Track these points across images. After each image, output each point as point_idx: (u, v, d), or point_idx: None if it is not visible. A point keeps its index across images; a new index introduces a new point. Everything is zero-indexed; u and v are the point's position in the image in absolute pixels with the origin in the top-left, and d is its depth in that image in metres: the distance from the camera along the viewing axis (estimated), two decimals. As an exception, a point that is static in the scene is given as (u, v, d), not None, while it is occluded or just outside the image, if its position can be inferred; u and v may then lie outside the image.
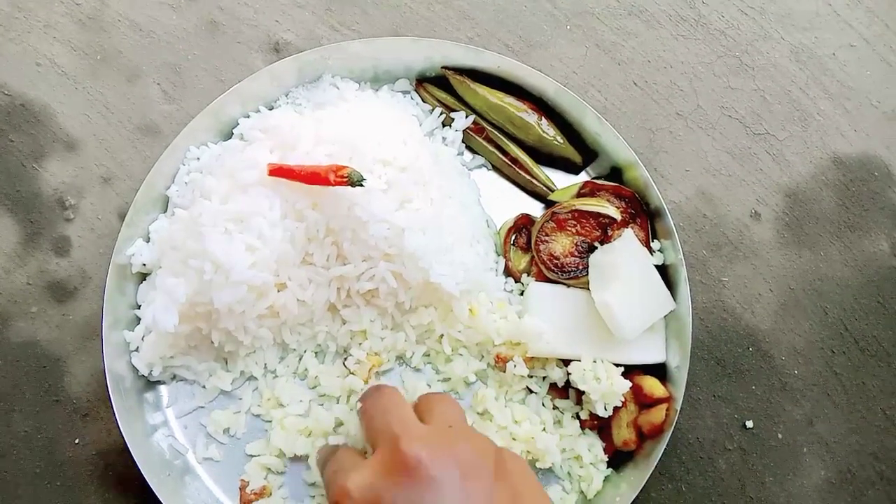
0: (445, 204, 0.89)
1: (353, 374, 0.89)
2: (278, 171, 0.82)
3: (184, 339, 0.86)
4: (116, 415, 0.84)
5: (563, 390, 0.90)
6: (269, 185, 0.83)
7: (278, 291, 0.85)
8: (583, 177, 0.99)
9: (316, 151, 0.84)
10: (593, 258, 0.89)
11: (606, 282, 0.86)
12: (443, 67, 0.97)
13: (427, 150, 0.91)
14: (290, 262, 0.84)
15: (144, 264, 0.89)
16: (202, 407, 0.90)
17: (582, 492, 0.88)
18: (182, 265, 0.82)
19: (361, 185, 0.81)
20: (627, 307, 0.85)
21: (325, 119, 0.88)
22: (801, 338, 0.97)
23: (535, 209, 0.98)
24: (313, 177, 0.81)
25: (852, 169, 1.03)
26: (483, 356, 0.91)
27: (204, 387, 0.90)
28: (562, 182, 0.98)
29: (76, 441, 0.91)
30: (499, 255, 0.95)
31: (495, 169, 0.99)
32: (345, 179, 0.80)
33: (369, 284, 0.85)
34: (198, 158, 0.92)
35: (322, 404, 0.90)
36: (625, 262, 0.87)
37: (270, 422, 0.89)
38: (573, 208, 0.91)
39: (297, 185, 0.83)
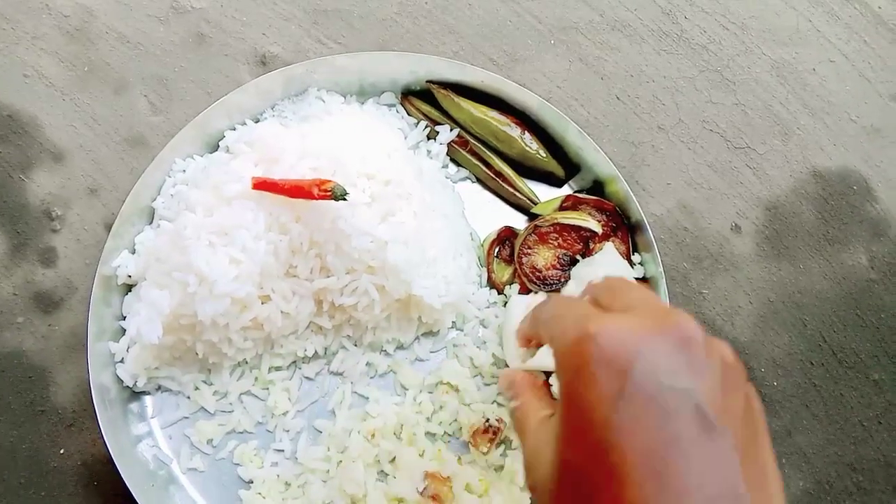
0: (429, 217, 0.90)
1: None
2: (262, 185, 0.83)
3: (168, 351, 0.86)
4: (101, 426, 0.85)
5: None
6: (253, 198, 0.84)
7: (262, 304, 0.85)
8: (565, 190, 1.00)
9: (300, 165, 0.85)
10: (575, 270, 0.90)
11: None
12: (427, 81, 0.98)
13: (411, 164, 0.92)
14: (273, 275, 0.85)
15: (130, 276, 0.89)
16: (187, 417, 0.91)
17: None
18: (166, 277, 0.83)
19: (345, 199, 0.81)
20: None
21: (309, 132, 0.89)
22: (780, 350, 0.98)
23: (519, 222, 0.99)
24: (297, 190, 0.82)
25: (832, 183, 1.04)
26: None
27: (189, 398, 0.90)
28: (545, 195, 1.00)
29: (61, 451, 0.91)
30: (482, 268, 0.96)
31: (479, 182, 1.01)
32: (328, 193, 0.81)
33: (352, 299, 0.86)
34: (183, 171, 0.93)
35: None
36: (606, 274, 0.88)
37: (252, 432, 0.90)
38: (555, 222, 0.92)
39: (281, 198, 0.84)
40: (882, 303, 1.00)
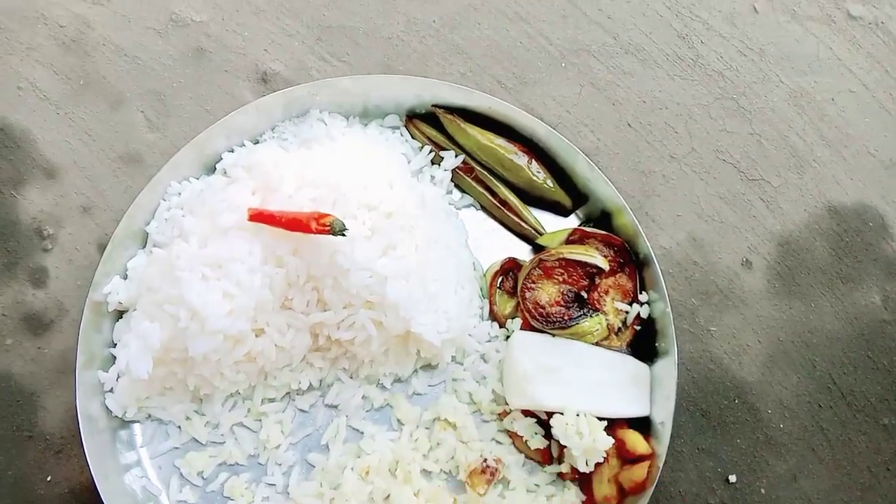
0: (431, 249, 0.87)
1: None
2: (259, 217, 0.80)
3: (159, 382, 0.84)
4: (88, 457, 0.83)
5: (545, 450, 0.88)
6: (249, 230, 0.81)
7: (256, 337, 0.83)
8: (573, 220, 0.97)
9: (299, 195, 0.82)
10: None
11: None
12: (433, 106, 0.95)
13: (414, 193, 0.89)
14: (268, 308, 0.82)
15: (121, 302, 0.87)
16: (177, 448, 0.88)
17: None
18: (158, 309, 0.81)
19: (343, 235, 0.79)
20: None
21: (309, 159, 0.86)
22: (788, 391, 0.95)
23: (523, 252, 0.96)
24: (294, 223, 0.79)
25: (847, 219, 1.01)
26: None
27: (179, 428, 0.88)
28: (551, 224, 0.97)
29: (48, 478, 0.89)
30: (484, 299, 0.93)
31: (484, 209, 0.98)
32: (327, 228, 0.78)
33: (349, 333, 0.83)
34: (179, 194, 0.90)
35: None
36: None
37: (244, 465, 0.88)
38: (561, 256, 0.89)
39: (278, 229, 0.81)
40: (895, 345, 0.97)
